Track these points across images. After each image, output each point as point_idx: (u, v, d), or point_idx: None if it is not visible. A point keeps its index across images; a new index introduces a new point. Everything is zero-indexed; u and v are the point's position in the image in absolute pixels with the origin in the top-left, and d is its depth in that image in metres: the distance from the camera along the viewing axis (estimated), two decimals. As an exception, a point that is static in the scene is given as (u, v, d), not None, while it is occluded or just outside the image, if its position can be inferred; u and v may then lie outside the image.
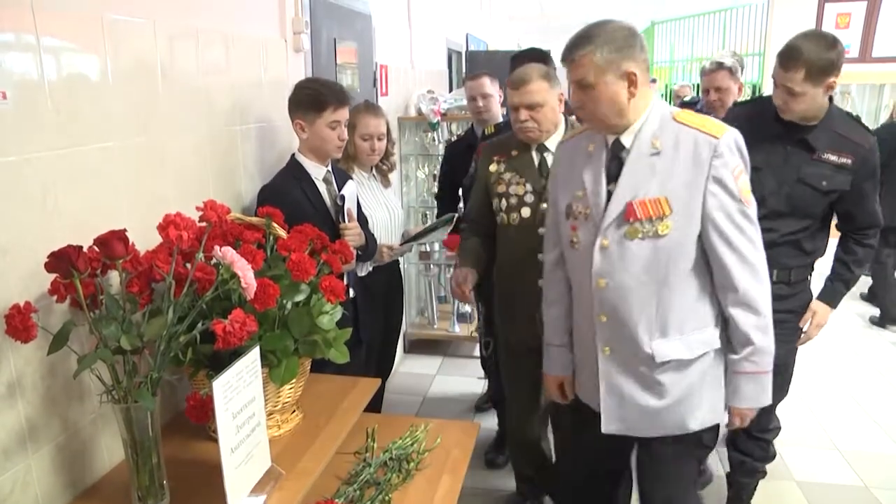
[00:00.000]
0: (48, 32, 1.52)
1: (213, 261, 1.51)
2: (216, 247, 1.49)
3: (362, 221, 2.68)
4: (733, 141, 1.76)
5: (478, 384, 4.27)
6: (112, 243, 1.44)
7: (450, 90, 6.00)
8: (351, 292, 2.47)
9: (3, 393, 1.42)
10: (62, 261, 1.37)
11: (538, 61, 2.73)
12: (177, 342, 1.46)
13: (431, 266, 4.91)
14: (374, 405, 2.59)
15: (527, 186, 2.45)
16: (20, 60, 1.45)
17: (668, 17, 10.43)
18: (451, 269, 4.75)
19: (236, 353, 1.45)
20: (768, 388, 1.90)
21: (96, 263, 1.45)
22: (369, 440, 2.06)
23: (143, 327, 1.45)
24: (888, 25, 7.90)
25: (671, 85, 9.87)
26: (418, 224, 4.66)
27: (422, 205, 4.93)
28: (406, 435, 2.09)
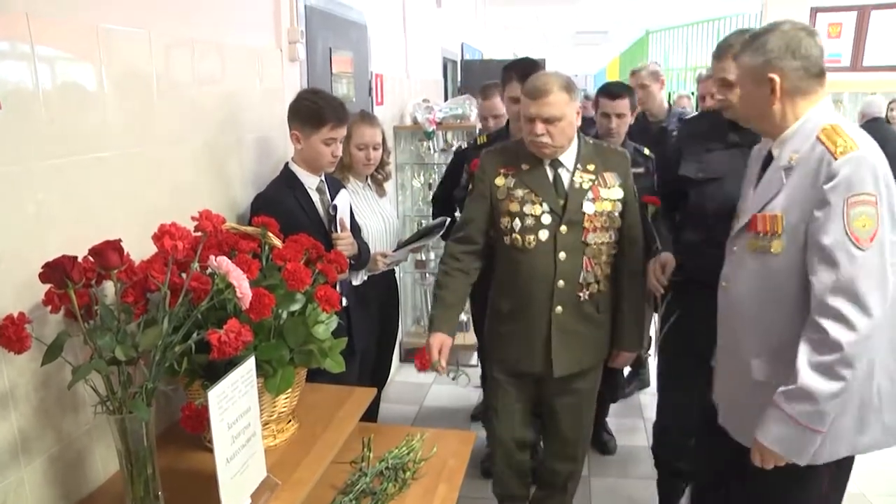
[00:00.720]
0: (43, 41, 1.52)
1: (209, 270, 1.51)
2: (211, 256, 1.48)
3: (356, 230, 2.68)
4: (859, 162, 1.59)
5: (474, 393, 4.26)
6: (107, 253, 1.44)
7: (445, 99, 6.00)
8: (344, 301, 2.46)
9: (-3, 404, 1.42)
10: (56, 271, 1.37)
11: (535, 70, 2.74)
12: (172, 352, 1.45)
13: (427, 275, 4.90)
14: (370, 415, 2.59)
15: (543, 206, 2.25)
16: (14, 69, 1.45)
17: (663, 27, 10.48)
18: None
19: (232, 363, 1.44)
20: (804, 446, 1.65)
21: (91, 274, 1.45)
22: (365, 450, 2.05)
23: (138, 337, 1.44)
24: (878, 35, 8.01)
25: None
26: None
27: (417, 214, 4.93)
28: (402, 444, 2.08)
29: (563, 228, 2.24)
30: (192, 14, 2.15)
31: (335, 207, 2.45)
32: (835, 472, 1.80)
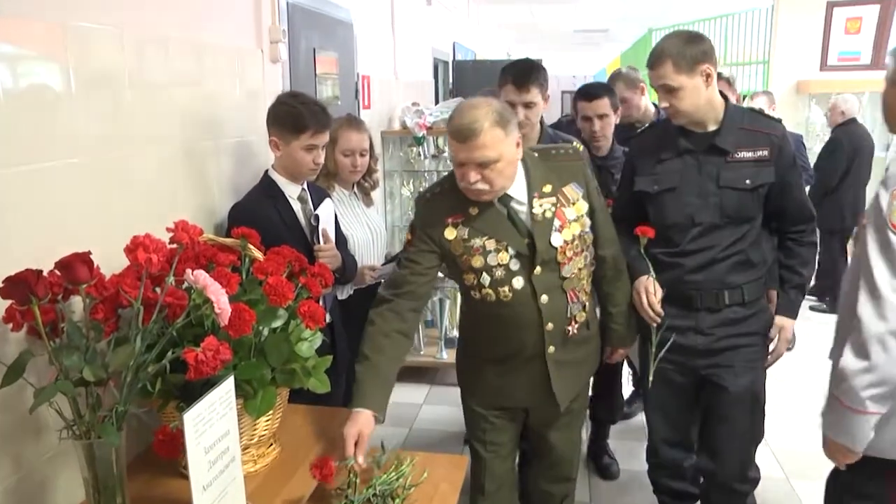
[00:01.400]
0: (4, 39, 1.51)
1: (185, 285, 1.50)
2: (188, 270, 1.48)
3: (341, 242, 2.67)
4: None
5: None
6: (75, 266, 1.43)
7: (436, 102, 6.03)
8: (327, 317, 2.45)
9: (-47, 429, 1.40)
10: (19, 286, 1.36)
11: (532, 72, 2.73)
12: (145, 372, 1.44)
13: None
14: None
15: (509, 251, 2.08)
16: (-25, 71, 1.45)
17: (667, 24, 10.54)
18: (439, 292, 4.77)
19: (209, 384, 1.44)
20: (850, 427, 1.78)
21: (57, 288, 1.44)
22: (351, 475, 2.03)
23: (109, 357, 1.43)
24: (903, 29, 7.91)
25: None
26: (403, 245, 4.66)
27: (406, 224, 4.92)
28: (391, 469, 2.07)
29: (538, 270, 2.10)
30: (167, 11, 2.15)
31: (317, 218, 2.45)
32: None
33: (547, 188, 2.14)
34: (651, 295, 2.33)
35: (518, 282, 2.10)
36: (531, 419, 2.43)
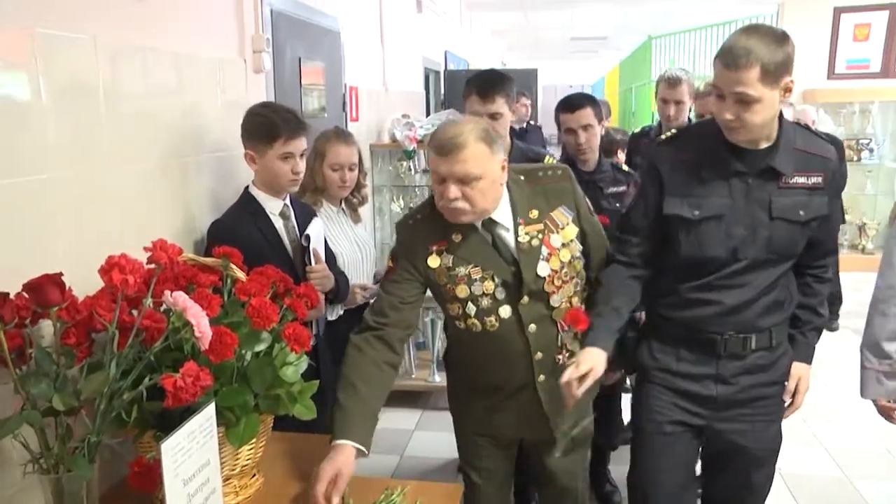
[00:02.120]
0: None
1: (163, 307, 1.49)
2: (166, 291, 1.47)
3: (331, 260, 2.66)
4: None
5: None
6: (45, 289, 1.42)
7: (427, 114, 6.05)
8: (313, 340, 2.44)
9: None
10: (-15, 309, 1.35)
11: (497, 82, 2.73)
12: (120, 400, 1.43)
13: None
14: (346, 467, 2.55)
15: (495, 280, 2.06)
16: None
17: (668, 31, 10.61)
18: (430, 313, 4.76)
19: (189, 411, 1.43)
20: None
21: (25, 312, 1.43)
22: (341, 508, 2.02)
23: (81, 384, 1.42)
24: (914, 36, 7.95)
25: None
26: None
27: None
28: (381, 499, 2.05)
29: (525, 299, 2.08)
30: (144, 19, 2.15)
31: (308, 238, 2.44)
32: None
33: (534, 213, 2.11)
34: (582, 379, 1.96)
35: (505, 311, 2.08)
36: (528, 448, 2.42)
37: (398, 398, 4.90)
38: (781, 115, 2.07)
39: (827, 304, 2.31)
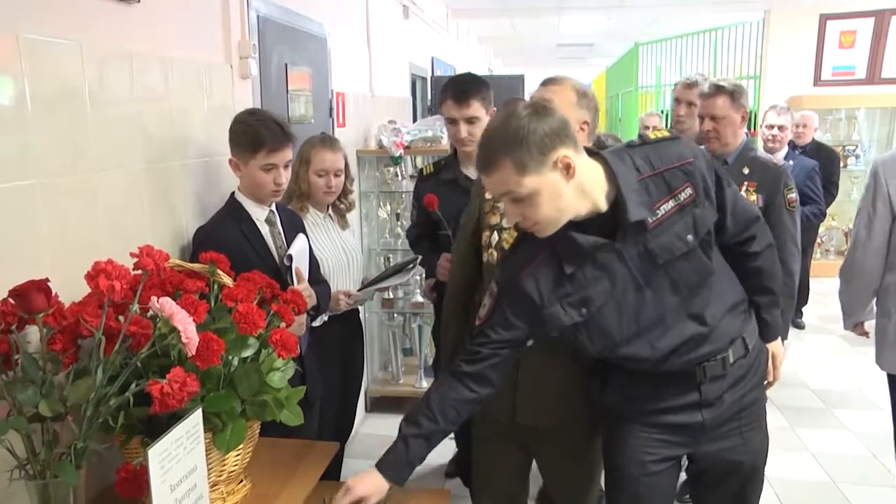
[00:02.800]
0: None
1: (150, 313, 1.49)
2: (153, 297, 1.48)
3: (314, 266, 2.66)
4: None
5: (448, 446, 4.22)
6: (31, 295, 1.42)
7: (414, 120, 6.05)
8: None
9: None
10: (-30, 316, 1.35)
11: (473, 86, 2.80)
12: (106, 406, 1.43)
13: (395, 315, 4.89)
14: (332, 472, 2.56)
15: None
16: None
17: (654, 38, 10.66)
18: (418, 319, 4.77)
19: (175, 417, 1.43)
20: None
21: (11, 318, 1.43)
22: (328, 515, 2.02)
23: (67, 390, 1.42)
24: (899, 43, 8.00)
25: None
26: (381, 269, 4.65)
27: (384, 247, 4.93)
28: (369, 507, 2.06)
29: None
30: (130, 24, 2.15)
31: (290, 258, 2.43)
32: None
33: None
34: None
35: None
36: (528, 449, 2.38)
37: (385, 404, 4.92)
38: (612, 171, 1.77)
39: (776, 275, 2.11)
